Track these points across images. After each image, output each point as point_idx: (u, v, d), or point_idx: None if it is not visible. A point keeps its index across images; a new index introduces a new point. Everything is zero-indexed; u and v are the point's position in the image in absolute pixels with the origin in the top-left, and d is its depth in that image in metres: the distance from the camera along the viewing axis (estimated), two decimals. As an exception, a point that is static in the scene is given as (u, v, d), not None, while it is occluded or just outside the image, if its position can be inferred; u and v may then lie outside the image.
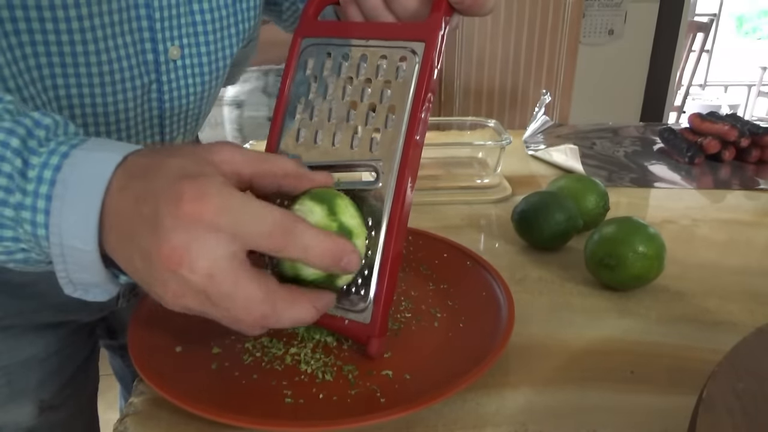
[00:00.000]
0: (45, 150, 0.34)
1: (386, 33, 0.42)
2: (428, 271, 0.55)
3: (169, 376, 0.40)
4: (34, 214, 0.33)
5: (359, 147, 0.42)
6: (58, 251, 0.34)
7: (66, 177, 0.33)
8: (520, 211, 0.63)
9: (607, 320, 0.51)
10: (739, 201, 0.80)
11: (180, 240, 0.31)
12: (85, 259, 0.34)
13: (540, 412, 0.40)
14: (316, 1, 0.46)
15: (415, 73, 0.41)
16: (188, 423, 0.38)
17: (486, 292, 0.50)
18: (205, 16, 0.51)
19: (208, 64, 0.54)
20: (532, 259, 0.61)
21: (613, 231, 0.54)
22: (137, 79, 0.49)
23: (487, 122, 0.87)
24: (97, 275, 0.35)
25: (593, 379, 0.44)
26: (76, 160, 0.34)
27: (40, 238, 0.34)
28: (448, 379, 0.39)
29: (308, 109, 0.44)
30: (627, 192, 0.81)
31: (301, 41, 0.45)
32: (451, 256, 0.57)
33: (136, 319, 0.45)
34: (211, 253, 0.32)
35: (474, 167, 0.83)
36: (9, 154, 0.33)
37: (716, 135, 0.93)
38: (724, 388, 0.34)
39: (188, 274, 0.31)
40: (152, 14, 0.48)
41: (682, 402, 0.41)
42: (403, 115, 0.41)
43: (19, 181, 0.33)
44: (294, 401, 0.39)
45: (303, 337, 0.45)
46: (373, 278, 0.41)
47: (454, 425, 0.39)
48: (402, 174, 0.40)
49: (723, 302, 0.54)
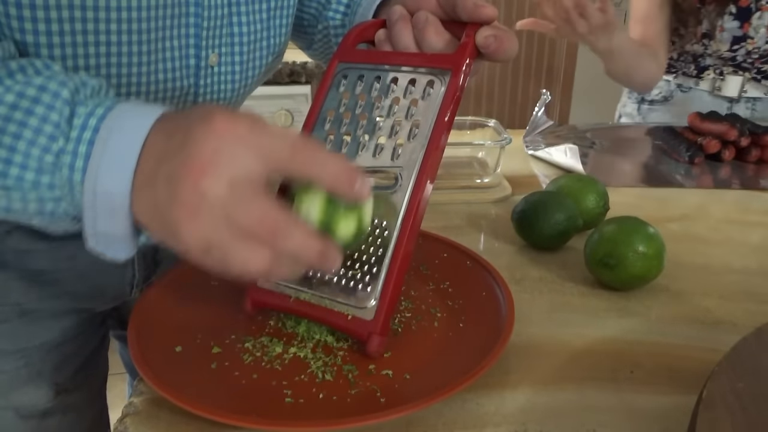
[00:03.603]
0: (92, 102, 0.37)
1: (417, 61, 0.47)
2: (428, 270, 0.55)
3: (169, 375, 0.40)
4: (74, 158, 0.35)
5: (382, 155, 0.45)
6: (90, 198, 0.36)
7: (109, 125, 0.35)
8: (520, 210, 0.63)
9: (607, 320, 0.51)
10: (739, 201, 0.80)
11: (209, 147, 0.32)
12: (115, 205, 0.35)
13: (540, 412, 0.40)
14: (355, 33, 0.50)
15: (440, 94, 0.45)
16: (188, 423, 0.38)
17: (486, 292, 0.51)
18: (242, 28, 0.56)
19: (240, 72, 0.57)
20: (532, 258, 0.61)
21: (613, 231, 0.54)
22: (178, 80, 0.53)
23: (487, 122, 0.87)
24: (123, 224, 0.36)
25: (593, 379, 0.44)
26: (120, 112, 0.36)
27: (75, 184, 0.36)
28: (448, 379, 0.39)
29: (337, 121, 0.47)
30: (627, 192, 0.81)
31: (338, 64, 0.49)
32: (451, 256, 0.57)
33: (136, 318, 0.45)
34: (237, 163, 0.33)
35: (474, 167, 0.83)
36: (59, 103, 0.36)
37: (716, 135, 0.93)
38: (724, 388, 0.34)
39: (211, 183, 0.32)
40: (200, 23, 0.51)
41: (682, 402, 0.41)
42: (426, 129, 0.44)
43: (65, 127, 0.36)
44: (294, 401, 0.39)
45: (303, 336, 0.45)
46: (382, 275, 0.42)
47: (454, 425, 0.39)
48: (420, 181, 0.43)
49: (723, 302, 0.54)
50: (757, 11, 1.08)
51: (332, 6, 0.64)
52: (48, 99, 0.36)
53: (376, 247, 0.43)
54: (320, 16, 0.66)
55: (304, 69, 1.60)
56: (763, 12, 1.08)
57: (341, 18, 0.64)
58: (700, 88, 1.19)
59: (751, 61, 1.13)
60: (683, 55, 1.18)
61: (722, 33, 1.10)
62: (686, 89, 1.21)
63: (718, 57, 1.14)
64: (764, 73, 1.15)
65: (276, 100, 1.62)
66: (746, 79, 1.15)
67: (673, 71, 1.21)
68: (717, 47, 1.12)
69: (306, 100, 1.61)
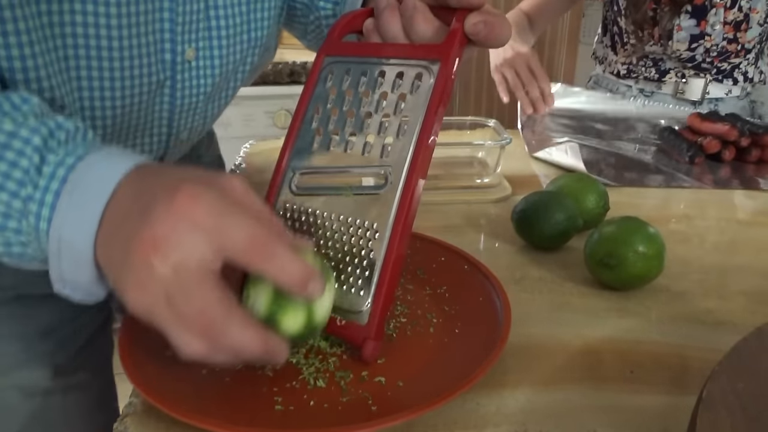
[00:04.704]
0: (63, 150, 0.37)
1: (405, 53, 0.45)
2: (425, 275, 0.54)
3: (159, 382, 0.39)
4: (40, 207, 0.36)
5: (371, 154, 0.44)
6: (55, 247, 0.36)
7: (78, 177, 0.36)
8: (520, 210, 0.63)
9: (607, 320, 0.51)
10: (739, 201, 0.80)
11: (162, 229, 0.32)
12: (79, 256, 0.36)
13: (540, 412, 0.40)
14: (341, 24, 0.49)
15: (429, 87, 0.43)
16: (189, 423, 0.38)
17: (483, 298, 0.50)
18: (220, 22, 0.55)
19: (220, 66, 0.57)
20: (532, 258, 0.61)
21: (613, 231, 0.54)
22: (154, 75, 0.52)
23: (487, 122, 0.87)
24: (87, 273, 0.36)
25: (593, 379, 0.44)
26: (90, 162, 0.36)
27: (40, 232, 0.36)
28: (441, 386, 0.38)
29: (324, 118, 0.46)
30: (627, 192, 0.81)
31: (324, 59, 0.48)
32: (449, 259, 0.56)
33: (127, 323, 0.44)
34: (187, 249, 0.32)
35: (474, 167, 0.83)
36: (29, 150, 0.36)
37: (716, 135, 0.93)
38: (724, 388, 0.34)
39: (158, 263, 0.32)
40: (175, 18, 0.51)
41: (682, 402, 0.41)
42: (415, 125, 0.42)
43: (34, 175, 0.36)
44: (284, 408, 0.39)
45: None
46: (375, 278, 0.41)
47: (454, 425, 0.39)
48: (410, 180, 0.42)
49: (723, 302, 0.54)
50: (713, 8, 1.09)
51: None
52: (19, 145, 0.36)
53: (367, 250, 0.42)
54: (312, 5, 0.65)
55: (304, 69, 1.60)
56: (717, 8, 1.09)
57: (332, 7, 0.63)
58: (663, 92, 1.19)
59: (710, 60, 1.13)
60: (643, 59, 1.18)
61: (679, 32, 1.11)
62: (648, 93, 1.21)
63: (678, 59, 1.15)
64: (723, 72, 1.16)
65: (276, 100, 1.62)
66: (708, 81, 1.16)
67: (633, 76, 1.21)
68: (676, 47, 1.12)
69: (306, 100, 1.61)
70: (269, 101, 1.62)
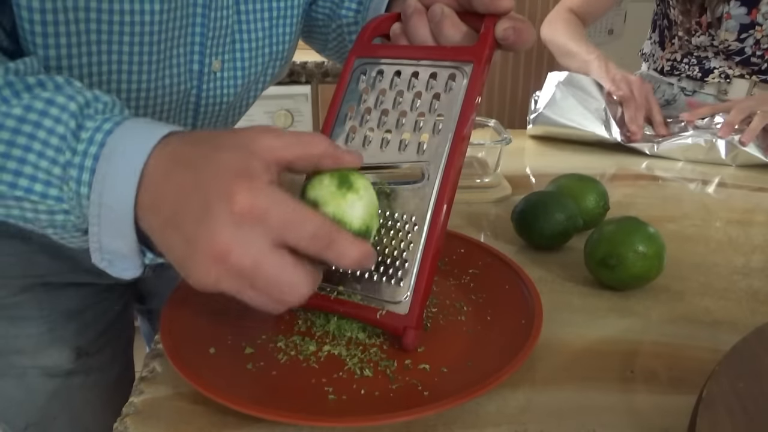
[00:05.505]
0: (100, 117, 0.37)
1: (437, 55, 0.46)
2: (447, 267, 0.55)
3: (209, 377, 0.39)
4: (80, 172, 0.36)
5: (407, 150, 0.45)
6: (95, 211, 0.36)
7: (115, 141, 0.36)
8: (520, 210, 0.63)
9: (607, 320, 0.51)
10: (740, 201, 0.80)
11: (230, 235, 0.33)
12: (119, 221, 0.36)
13: (540, 412, 0.40)
14: (371, 27, 0.50)
15: (463, 87, 0.44)
16: (189, 423, 0.38)
17: (509, 286, 0.51)
18: (244, 36, 0.58)
19: (243, 77, 0.59)
20: (532, 258, 0.61)
21: (613, 231, 0.54)
22: (182, 84, 0.55)
23: (487, 122, 0.87)
24: (128, 242, 0.37)
25: (593, 379, 0.44)
26: (126, 128, 0.37)
27: (81, 196, 0.36)
28: (485, 371, 0.39)
29: (359, 116, 0.47)
30: (627, 192, 0.81)
31: (355, 60, 0.49)
32: (468, 251, 0.57)
33: (167, 323, 0.44)
34: (258, 245, 0.34)
35: (474, 167, 0.83)
36: (66, 116, 0.37)
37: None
38: (724, 388, 0.34)
39: (236, 263, 0.34)
40: (206, 32, 0.54)
41: (682, 402, 0.41)
42: (450, 123, 0.44)
43: (71, 141, 0.36)
44: (337, 397, 0.39)
45: (334, 334, 0.45)
46: (414, 270, 0.43)
47: (454, 425, 0.39)
48: (447, 175, 0.43)
49: (723, 302, 0.54)
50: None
51: (345, 4, 0.65)
52: (56, 112, 0.37)
53: (407, 242, 0.43)
54: (333, 15, 0.66)
55: (304, 69, 1.60)
56: None
57: (354, 15, 0.64)
58: (705, 92, 1.14)
59: (761, 54, 1.06)
60: (687, 56, 1.14)
61: (728, 21, 1.04)
62: (690, 93, 1.16)
63: (725, 52, 1.08)
64: None
65: (276, 100, 1.62)
66: (754, 83, 1.09)
67: (676, 74, 1.16)
68: (724, 37, 1.06)
69: (306, 99, 1.61)
70: (269, 101, 1.62)
